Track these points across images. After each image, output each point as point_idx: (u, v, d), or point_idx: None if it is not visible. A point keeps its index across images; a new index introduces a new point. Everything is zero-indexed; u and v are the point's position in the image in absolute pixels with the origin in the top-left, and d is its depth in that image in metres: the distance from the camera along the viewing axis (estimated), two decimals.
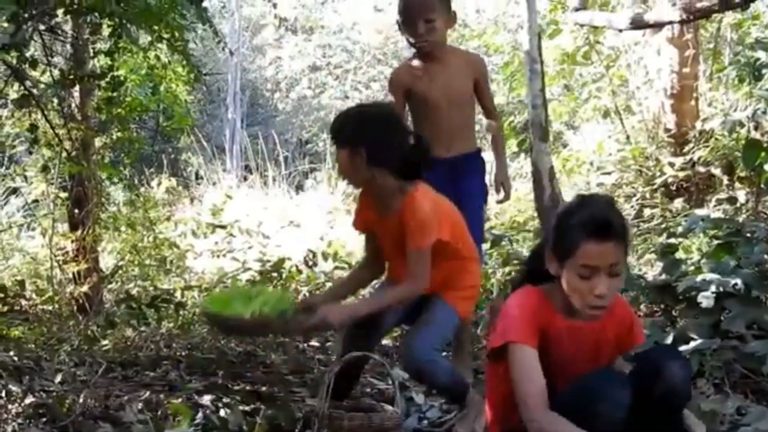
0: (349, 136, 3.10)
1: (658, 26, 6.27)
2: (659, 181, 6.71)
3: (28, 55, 4.53)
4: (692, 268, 4.25)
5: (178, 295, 5.78)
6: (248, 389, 3.97)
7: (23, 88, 4.69)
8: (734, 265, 3.91)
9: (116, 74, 5.08)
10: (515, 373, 2.43)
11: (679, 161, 6.62)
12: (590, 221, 2.37)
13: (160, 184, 8.43)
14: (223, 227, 6.88)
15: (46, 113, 5.18)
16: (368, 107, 3.69)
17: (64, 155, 5.48)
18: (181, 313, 5.29)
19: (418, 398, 3.77)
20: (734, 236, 4.22)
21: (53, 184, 5.80)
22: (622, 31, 6.34)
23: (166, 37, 5.00)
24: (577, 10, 6.65)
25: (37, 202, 6.50)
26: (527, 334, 2.43)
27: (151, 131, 11.03)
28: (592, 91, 8.40)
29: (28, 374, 3.77)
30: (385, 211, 3.16)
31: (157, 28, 4.83)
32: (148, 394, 3.70)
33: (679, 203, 6.41)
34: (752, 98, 6.62)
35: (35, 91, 4.84)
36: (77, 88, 5.49)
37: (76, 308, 5.53)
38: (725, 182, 6.50)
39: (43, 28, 4.94)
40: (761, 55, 6.60)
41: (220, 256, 6.69)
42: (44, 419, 3.18)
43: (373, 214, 3.26)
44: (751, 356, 3.42)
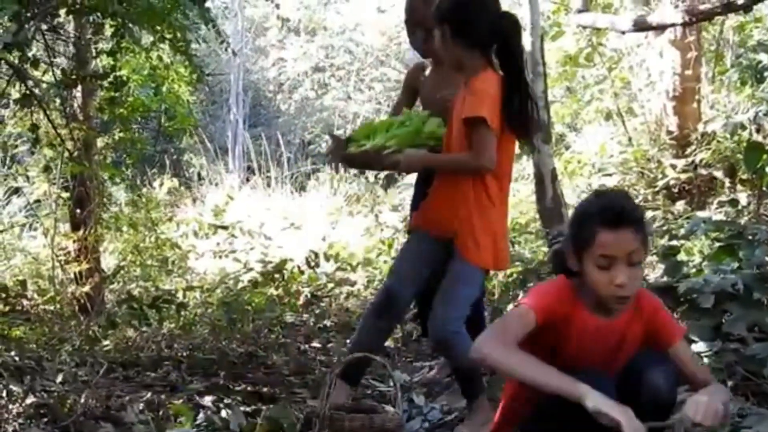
0: (440, 12, 3.22)
1: (660, 28, 6.28)
2: (661, 183, 6.71)
3: (30, 54, 4.53)
4: (694, 270, 4.25)
5: (179, 295, 5.78)
6: (249, 390, 3.98)
7: (25, 87, 4.70)
8: (735, 267, 3.90)
9: (119, 74, 5.09)
10: (502, 319, 2.50)
11: (681, 163, 6.61)
12: (604, 210, 2.37)
13: (162, 184, 8.43)
14: (225, 228, 6.89)
15: (48, 113, 5.18)
16: None
17: (66, 155, 5.48)
18: (182, 313, 5.29)
19: (418, 400, 3.77)
20: (736, 239, 4.21)
21: (55, 184, 5.81)
22: (624, 33, 6.34)
23: (168, 37, 5.00)
24: (579, 12, 6.65)
25: (39, 202, 6.50)
26: (541, 306, 2.42)
27: (153, 131, 11.05)
28: (594, 93, 8.40)
29: (29, 374, 3.77)
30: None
31: (159, 28, 4.83)
32: (149, 394, 3.71)
33: (680, 205, 6.40)
34: (754, 101, 6.61)
35: (37, 91, 4.84)
36: (79, 88, 5.49)
37: (77, 308, 5.53)
38: (727, 185, 6.50)
39: (45, 27, 4.94)
40: (763, 57, 6.58)
41: (221, 256, 6.70)
42: (45, 419, 3.19)
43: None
44: (752, 359, 3.40)
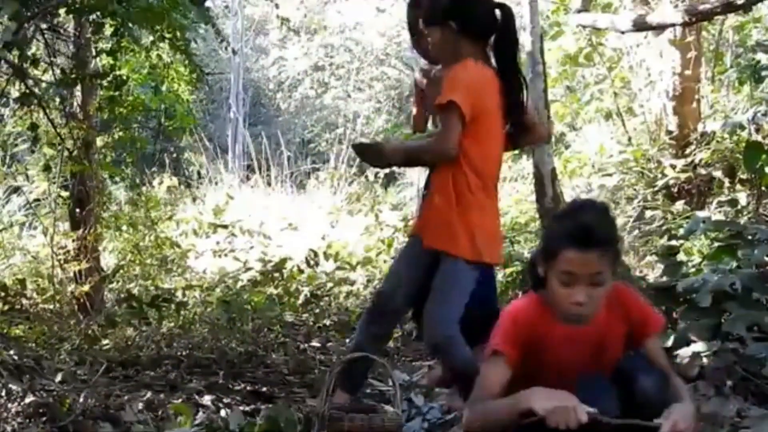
0: (441, 11, 3.24)
1: (660, 28, 6.27)
2: (661, 183, 6.70)
3: (30, 53, 4.53)
4: (693, 270, 4.25)
5: (179, 294, 5.79)
6: (249, 389, 3.99)
7: (25, 86, 4.70)
8: (735, 266, 3.90)
9: (118, 74, 5.09)
10: (480, 377, 2.48)
11: (680, 163, 6.61)
12: (574, 228, 2.35)
13: (161, 183, 8.42)
14: (224, 227, 6.89)
15: (48, 112, 5.18)
16: None
17: (65, 154, 5.48)
18: (182, 312, 5.29)
19: (417, 400, 3.77)
20: (735, 238, 4.22)
21: (55, 183, 5.81)
22: (624, 32, 6.34)
23: (168, 36, 5.00)
24: (579, 11, 6.64)
25: (38, 200, 6.50)
26: (508, 344, 2.44)
27: (153, 131, 11.05)
28: (594, 92, 8.39)
29: (28, 373, 3.77)
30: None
31: (159, 27, 4.83)
32: (148, 393, 3.71)
33: (680, 205, 6.39)
34: (753, 101, 6.61)
35: (37, 90, 4.84)
36: (79, 87, 5.49)
37: (77, 307, 5.52)
38: (726, 184, 6.49)
39: (45, 26, 4.94)
40: (762, 57, 6.58)
41: (221, 255, 6.70)
42: (44, 418, 3.19)
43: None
44: (751, 359, 3.41)
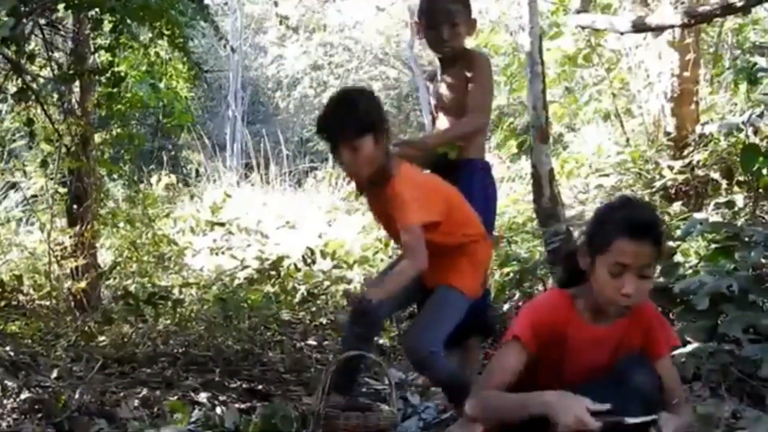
0: (373, 119, 3.07)
1: (659, 30, 6.26)
2: (658, 184, 6.70)
3: (28, 49, 4.53)
4: (690, 271, 4.26)
5: (176, 292, 5.78)
6: (245, 387, 3.99)
7: (22, 82, 4.69)
8: (732, 267, 3.91)
9: (117, 70, 5.08)
10: (494, 359, 2.51)
11: (678, 165, 6.60)
12: (631, 219, 2.39)
13: (159, 180, 8.42)
14: (222, 225, 6.89)
15: (45, 108, 5.18)
16: (358, 90, 3.49)
17: (63, 151, 5.48)
18: (178, 310, 5.29)
19: (413, 399, 3.78)
20: (732, 240, 4.22)
21: (52, 179, 5.80)
22: (623, 34, 6.33)
23: (167, 33, 4.99)
24: (578, 12, 6.64)
25: (36, 197, 6.49)
26: (529, 335, 2.45)
27: (151, 128, 11.04)
28: (592, 93, 8.40)
29: (24, 369, 3.77)
30: (376, 191, 3.18)
31: (158, 24, 4.83)
32: (144, 390, 3.71)
33: (677, 206, 6.39)
34: (750, 103, 6.61)
35: (35, 85, 4.84)
36: (77, 83, 5.48)
37: (73, 304, 5.52)
38: (724, 186, 6.49)
39: (43, 22, 4.94)
40: (759, 59, 6.58)
41: (218, 253, 6.70)
42: (40, 415, 3.19)
43: (367, 191, 3.30)
44: (747, 360, 3.42)
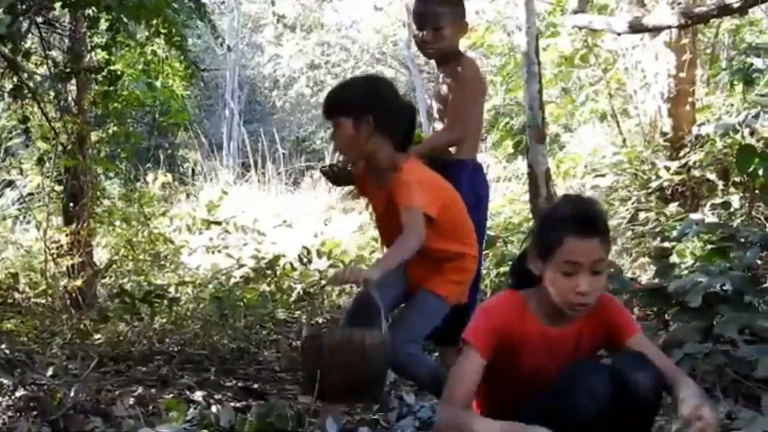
0: (357, 104, 3.08)
1: (656, 30, 6.28)
2: (654, 184, 6.71)
3: (25, 47, 4.52)
4: (686, 272, 4.26)
5: (171, 290, 5.78)
6: (240, 386, 3.98)
7: (18, 79, 4.69)
8: (727, 267, 3.91)
9: (113, 68, 5.08)
10: (454, 370, 2.49)
11: (674, 165, 6.62)
12: (574, 217, 2.37)
13: (155, 179, 8.41)
14: (218, 223, 6.88)
15: (42, 106, 5.18)
16: (372, 77, 3.63)
17: (59, 149, 5.47)
18: (174, 308, 5.28)
19: (408, 398, 3.76)
20: (727, 241, 4.23)
21: (49, 177, 5.79)
22: (620, 34, 6.34)
23: (163, 32, 4.99)
24: (575, 12, 6.65)
25: (32, 195, 6.48)
26: (482, 341, 2.44)
27: (147, 126, 11.02)
28: (589, 94, 8.40)
29: (19, 367, 3.76)
30: (379, 183, 3.17)
31: (154, 23, 4.82)
32: (140, 389, 3.71)
33: (673, 207, 6.40)
34: (746, 104, 6.61)
35: (31, 83, 4.83)
36: (74, 81, 5.48)
37: (69, 302, 5.52)
38: (720, 187, 6.50)
39: (40, 20, 4.93)
40: (755, 60, 6.59)
41: (214, 252, 6.70)
42: (35, 412, 3.18)
43: (368, 186, 3.29)
44: (742, 361, 3.42)
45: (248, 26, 22.20)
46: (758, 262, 4.02)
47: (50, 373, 3.79)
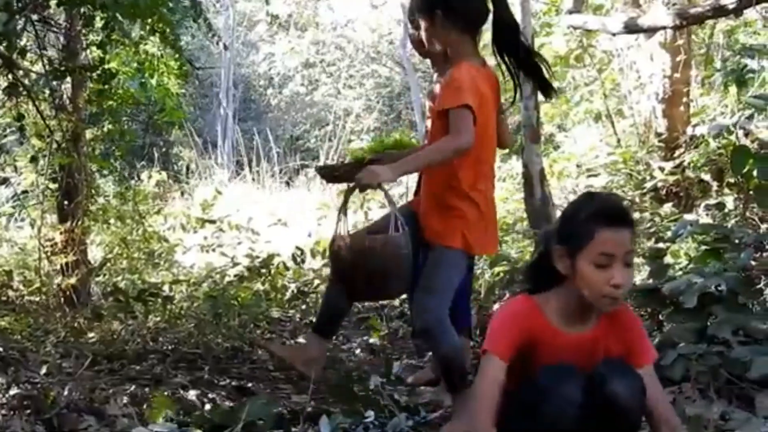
0: (431, 5, 3.31)
1: (651, 31, 6.28)
2: (649, 185, 6.72)
3: (20, 45, 4.51)
4: (680, 273, 4.27)
5: (166, 289, 5.78)
6: (234, 385, 3.98)
7: (13, 77, 4.68)
8: (721, 268, 3.92)
9: (108, 67, 5.07)
10: (477, 380, 2.49)
11: (668, 166, 6.62)
12: (606, 209, 2.42)
13: (150, 177, 8.41)
14: (212, 222, 6.88)
15: (37, 104, 5.16)
16: None
17: (54, 146, 5.46)
18: (168, 307, 5.28)
19: (402, 398, 3.77)
20: (722, 242, 4.24)
21: (43, 175, 5.78)
22: (615, 35, 6.35)
23: (158, 30, 4.98)
24: (570, 12, 6.66)
25: (26, 192, 6.47)
26: (502, 345, 2.45)
27: (142, 124, 11.02)
28: (584, 94, 8.41)
29: (13, 365, 3.75)
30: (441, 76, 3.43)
31: (149, 21, 4.82)
32: (133, 387, 3.70)
33: (668, 208, 6.41)
34: (740, 105, 6.62)
35: (26, 81, 4.82)
36: (69, 79, 5.47)
37: (63, 300, 5.51)
38: (714, 188, 6.51)
39: (35, 18, 4.92)
40: (749, 61, 6.60)
41: (209, 250, 6.69)
42: (29, 411, 3.17)
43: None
44: (736, 362, 3.42)
45: (243, 24, 22.18)
46: (752, 263, 4.02)
47: (44, 371, 3.78)
